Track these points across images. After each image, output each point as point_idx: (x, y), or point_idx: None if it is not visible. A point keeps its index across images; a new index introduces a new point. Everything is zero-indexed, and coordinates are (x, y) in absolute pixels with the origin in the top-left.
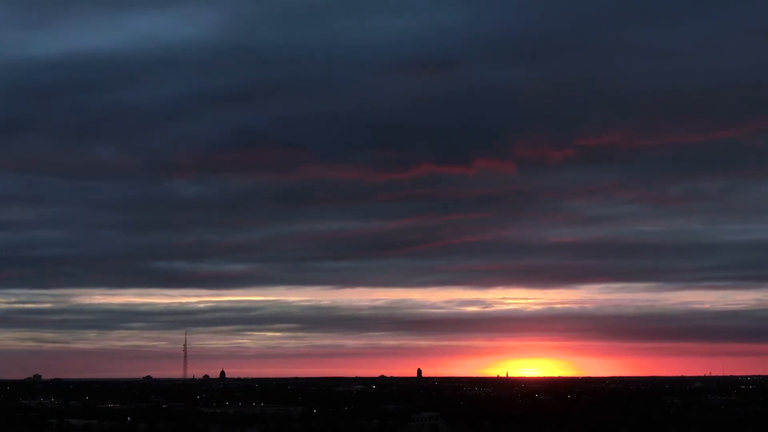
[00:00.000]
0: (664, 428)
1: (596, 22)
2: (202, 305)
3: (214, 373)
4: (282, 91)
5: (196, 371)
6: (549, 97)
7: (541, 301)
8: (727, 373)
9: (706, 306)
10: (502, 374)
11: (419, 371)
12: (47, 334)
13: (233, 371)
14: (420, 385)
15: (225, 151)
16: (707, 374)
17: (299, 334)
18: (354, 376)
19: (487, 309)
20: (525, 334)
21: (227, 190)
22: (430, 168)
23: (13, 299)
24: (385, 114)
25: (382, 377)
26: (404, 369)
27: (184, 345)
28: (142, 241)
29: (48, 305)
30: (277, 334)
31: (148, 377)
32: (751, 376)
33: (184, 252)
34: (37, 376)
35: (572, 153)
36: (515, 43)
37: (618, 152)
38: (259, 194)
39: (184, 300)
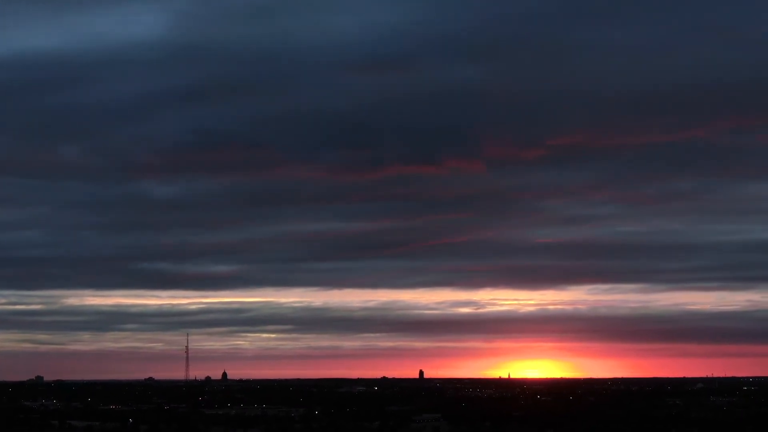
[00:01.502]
0: (665, 429)
1: (549, 20)
2: (193, 307)
3: (216, 375)
4: (239, 90)
5: (193, 372)
6: (511, 96)
7: (532, 302)
8: (729, 374)
9: (701, 307)
10: (504, 375)
11: (421, 372)
12: (42, 336)
13: (231, 373)
14: (422, 386)
15: (190, 151)
16: (709, 375)
17: (294, 335)
18: (356, 377)
19: (480, 310)
20: (523, 335)
21: (198, 190)
22: (400, 168)
23: (2, 300)
24: (348, 113)
25: (384, 378)
26: (404, 370)
27: (186, 346)
28: (121, 243)
29: (39, 306)
30: (272, 335)
31: (150, 379)
32: (753, 377)
33: (166, 253)
34: (39, 378)
35: (543, 153)
36: (471, 42)
37: (587, 152)
38: (232, 195)
39: (174, 301)
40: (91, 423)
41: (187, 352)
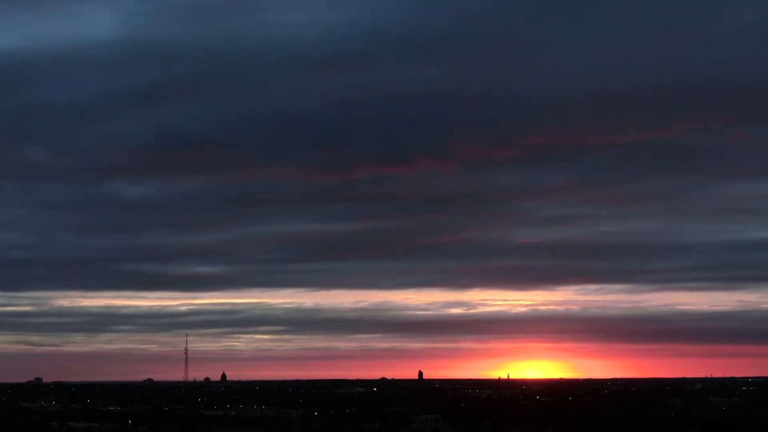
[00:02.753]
0: (665, 429)
1: (505, 20)
2: (183, 308)
3: (214, 376)
4: (199, 90)
5: (191, 374)
6: (476, 96)
7: (523, 302)
8: (728, 374)
9: (694, 308)
10: (503, 376)
11: (420, 373)
12: (35, 337)
13: (227, 374)
14: (421, 387)
15: (158, 152)
16: (708, 376)
17: (288, 336)
18: (354, 378)
19: (472, 311)
20: (519, 335)
21: (172, 191)
22: (372, 168)
23: None
24: (313, 113)
25: (383, 379)
26: (402, 371)
27: (185, 348)
28: (101, 244)
29: (29, 308)
30: (265, 336)
31: (149, 380)
32: (752, 378)
33: (148, 255)
34: (38, 379)
35: (514, 153)
36: (428, 41)
37: (557, 152)
38: (206, 196)
39: (164, 303)
40: (90, 424)
41: (186, 353)
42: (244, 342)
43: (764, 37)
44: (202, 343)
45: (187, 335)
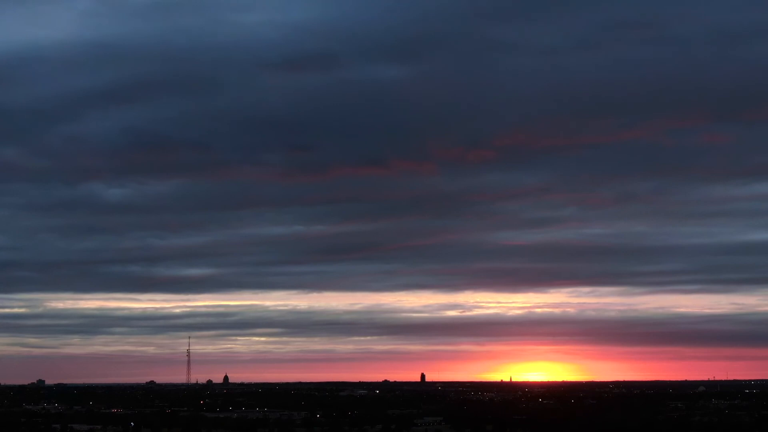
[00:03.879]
0: None
1: (468, 20)
2: (177, 310)
3: (216, 378)
4: (165, 90)
5: (194, 376)
6: (444, 96)
7: (517, 305)
8: (731, 377)
9: (689, 310)
10: (505, 379)
11: (423, 376)
12: (31, 339)
13: (229, 376)
14: (423, 389)
15: (130, 153)
16: (711, 378)
17: (284, 339)
18: (357, 380)
19: (467, 313)
20: (518, 338)
21: (149, 193)
22: (349, 169)
23: None
24: (284, 113)
25: (386, 382)
26: (403, 373)
27: (188, 350)
28: (85, 246)
29: (23, 310)
30: (262, 338)
31: (152, 382)
32: (754, 380)
33: (133, 257)
34: (41, 381)
35: (490, 154)
36: (391, 42)
37: (532, 154)
38: (184, 198)
39: (157, 305)
40: (93, 426)
41: (188, 355)
42: (241, 344)
43: (725, 38)
44: (200, 345)
45: (189, 337)
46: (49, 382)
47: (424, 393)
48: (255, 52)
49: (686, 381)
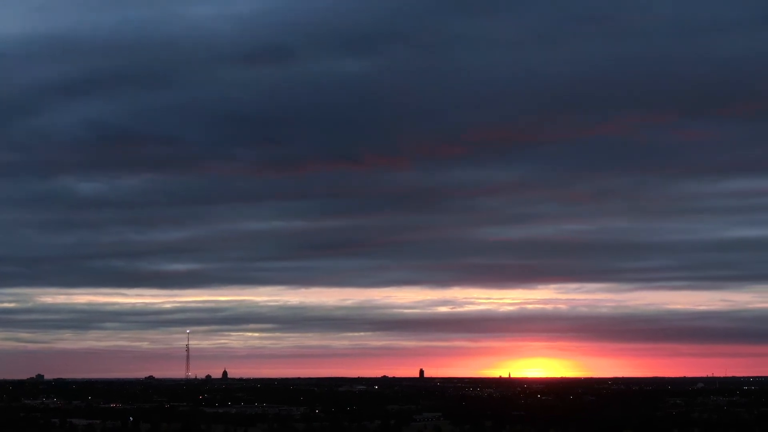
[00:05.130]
0: (667, 429)
1: (425, 14)
2: (168, 305)
3: (213, 373)
4: (125, 84)
5: (193, 371)
6: (404, 91)
7: (508, 301)
8: (730, 374)
9: (679, 307)
10: (504, 375)
11: (421, 372)
12: (23, 334)
13: (219, 371)
14: (422, 385)
15: (99, 147)
16: (709, 375)
17: (277, 334)
18: (355, 376)
19: (459, 309)
20: (513, 334)
21: (122, 187)
22: (321, 164)
23: None
24: (250, 107)
25: (384, 377)
26: (400, 369)
27: (187, 345)
28: (63, 241)
29: (13, 305)
30: (255, 334)
31: (150, 377)
32: (753, 377)
33: (113, 252)
34: (39, 376)
35: (462, 150)
36: (346, 34)
37: (505, 149)
38: (158, 192)
39: (146, 300)
40: (92, 421)
41: (187, 350)
42: (235, 340)
43: (687, 32)
44: (194, 341)
45: (188, 332)
46: (47, 377)
47: (423, 389)
48: (209, 45)
49: (685, 378)
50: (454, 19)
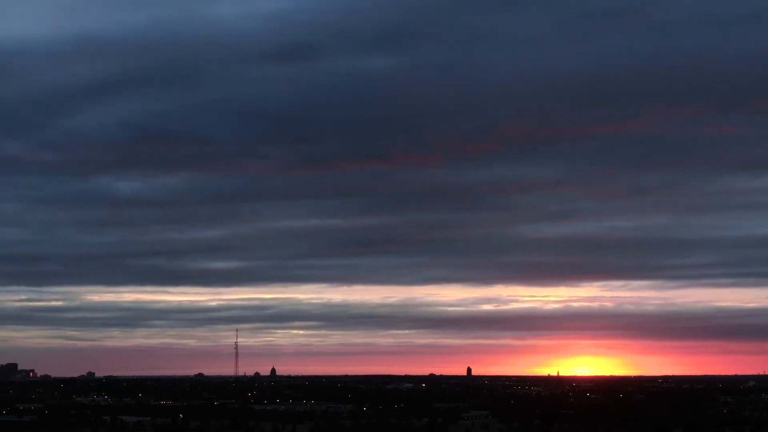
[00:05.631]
0: (717, 427)
1: (447, 9)
2: (213, 303)
3: (262, 371)
4: (156, 84)
5: (231, 369)
6: (435, 88)
7: (552, 299)
8: None
9: (728, 304)
10: (553, 373)
11: (469, 370)
12: (71, 332)
13: (268, 369)
14: (470, 383)
15: (134, 146)
16: (761, 373)
17: (323, 332)
18: (400, 374)
19: (503, 307)
20: (558, 332)
21: (158, 186)
22: (355, 162)
23: (22, 296)
24: (280, 106)
25: (432, 375)
26: (450, 367)
27: (235, 343)
28: (106, 240)
29: (60, 303)
30: (300, 332)
31: (200, 375)
32: None
33: (153, 250)
34: (90, 374)
35: (495, 146)
36: (373, 31)
37: (538, 145)
38: (193, 191)
39: (192, 298)
40: (142, 418)
41: (236, 348)
42: (281, 337)
43: (711, 25)
44: (241, 338)
45: (237, 330)
46: (97, 374)
47: (471, 387)
48: (237, 44)
49: (735, 375)
50: (482, 14)
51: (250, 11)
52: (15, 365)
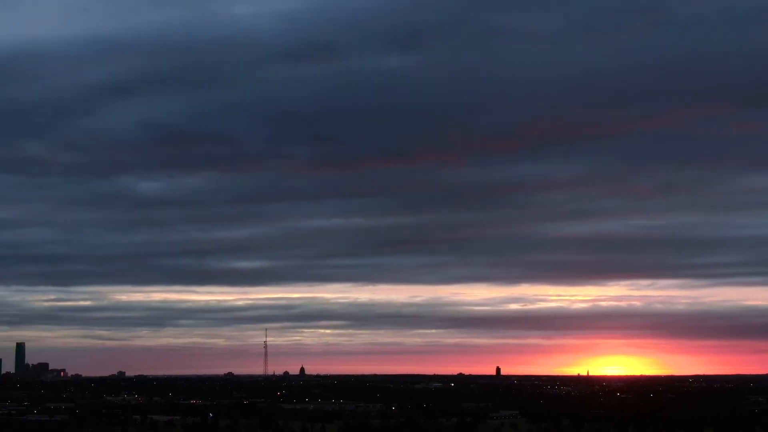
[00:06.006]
0: (748, 427)
1: (472, 7)
2: (240, 302)
3: (291, 370)
4: (176, 84)
5: (260, 368)
6: (460, 86)
7: (580, 298)
8: None
9: (758, 303)
10: (583, 373)
11: (498, 369)
12: (100, 332)
13: (296, 369)
14: (499, 383)
15: (156, 146)
16: None
17: (349, 331)
18: (429, 373)
19: (530, 306)
20: (587, 332)
21: (182, 186)
22: (378, 162)
23: (51, 296)
24: (300, 105)
25: (460, 375)
26: (478, 367)
27: (265, 342)
28: (133, 239)
29: (88, 303)
30: (328, 331)
31: (230, 374)
32: None
33: (179, 250)
34: (121, 373)
35: (516, 144)
36: (389, 30)
37: (560, 143)
38: (218, 191)
39: (219, 297)
40: (172, 417)
41: (266, 347)
42: (308, 336)
43: (736, 21)
44: (269, 337)
45: (266, 329)
46: (127, 374)
47: (500, 387)
48: (254, 44)
49: (767, 375)
50: (503, 12)
51: (268, 10)
52: (46, 365)
